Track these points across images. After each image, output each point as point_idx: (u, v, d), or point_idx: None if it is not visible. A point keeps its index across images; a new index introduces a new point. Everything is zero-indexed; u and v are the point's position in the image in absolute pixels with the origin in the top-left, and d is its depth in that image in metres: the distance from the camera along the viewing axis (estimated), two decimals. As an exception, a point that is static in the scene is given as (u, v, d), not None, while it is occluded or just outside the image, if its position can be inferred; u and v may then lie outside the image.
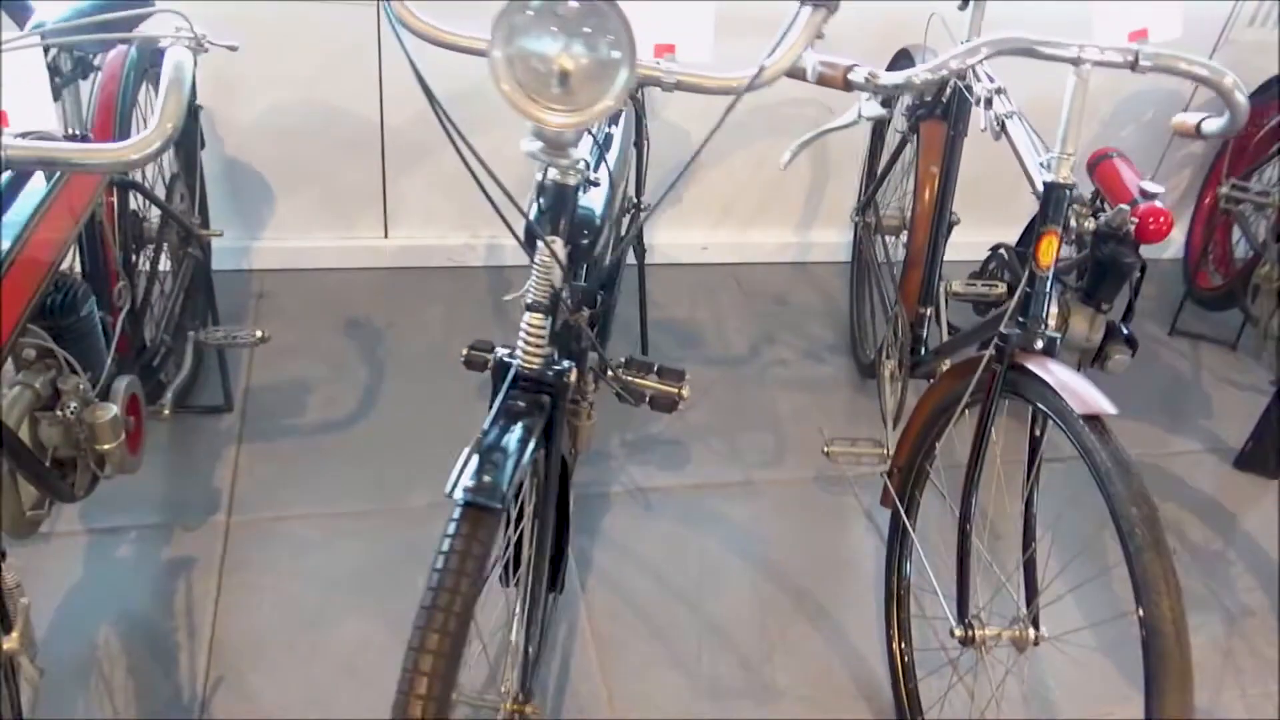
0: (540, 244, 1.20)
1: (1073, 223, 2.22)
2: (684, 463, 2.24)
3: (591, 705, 1.71)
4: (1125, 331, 2.12)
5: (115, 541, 1.86)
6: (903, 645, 1.79)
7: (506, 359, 1.23)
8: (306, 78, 2.38)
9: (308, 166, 2.51)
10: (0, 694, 1.06)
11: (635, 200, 2.20)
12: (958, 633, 1.49)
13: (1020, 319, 1.44)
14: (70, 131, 1.53)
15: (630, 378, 1.69)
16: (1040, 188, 1.42)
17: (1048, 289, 1.43)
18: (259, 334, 1.96)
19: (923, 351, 2.05)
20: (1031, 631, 1.46)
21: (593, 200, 1.41)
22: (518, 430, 1.18)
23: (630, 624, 1.86)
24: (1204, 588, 2.09)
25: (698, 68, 1.19)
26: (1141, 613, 1.15)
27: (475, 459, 1.09)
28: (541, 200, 1.24)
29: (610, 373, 1.69)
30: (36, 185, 1.32)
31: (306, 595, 1.82)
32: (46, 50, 1.43)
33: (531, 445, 1.17)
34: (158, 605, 1.76)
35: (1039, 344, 1.43)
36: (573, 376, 1.26)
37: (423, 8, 1.21)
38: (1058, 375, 1.35)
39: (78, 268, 1.60)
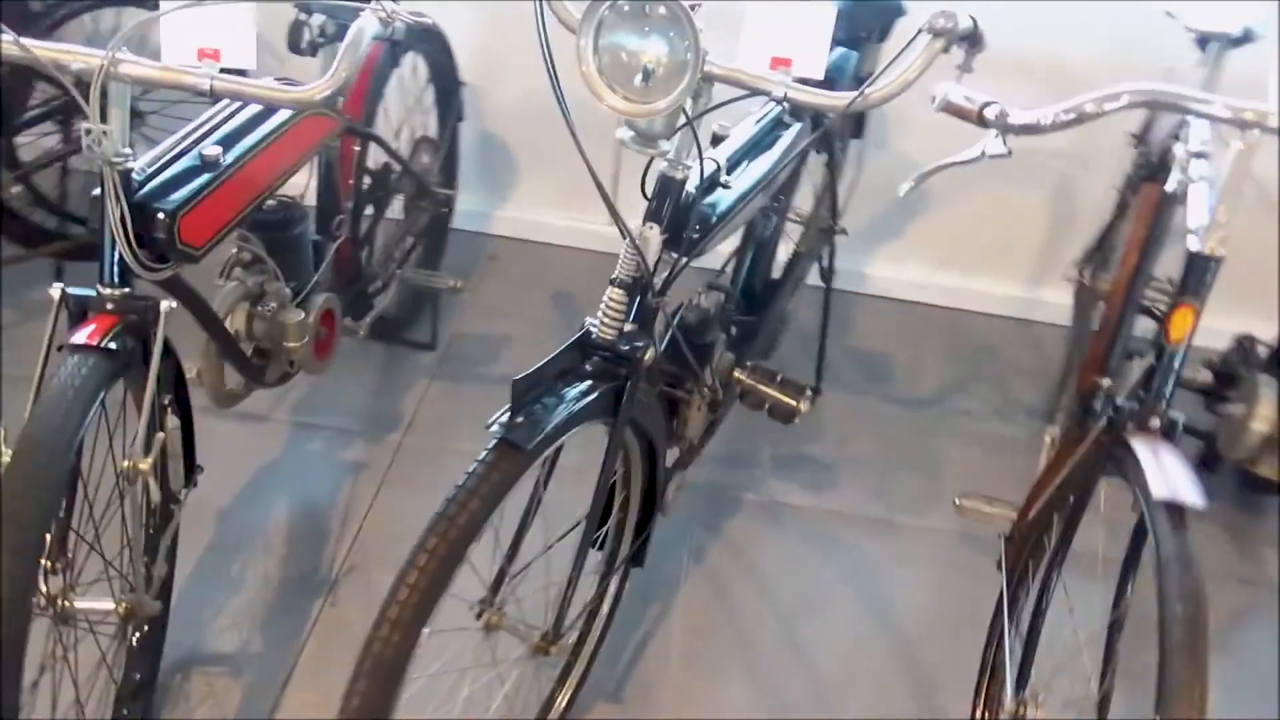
0: (635, 227, 1.31)
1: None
2: (828, 487, 2.24)
3: (656, 683, 1.78)
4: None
5: (309, 435, 2.18)
6: (985, 715, 1.70)
7: (590, 326, 1.35)
8: (563, 69, 2.61)
9: (552, 150, 2.73)
10: (123, 509, 1.32)
11: (830, 222, 2.22)
12: (1008, 707, 1.41)
13: (1141, 394, 1.34)
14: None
15: (752, 382, 1.75)
16: (1186, 257, 1.32)
17: (1176, 366, 1.32)
18: (453, 283, 2.22)
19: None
20: (1093, 724, 1.36)
21: (718, 200, 1.48)
22: (579, 389, 1.29)
23: (720, 622, 1.91)
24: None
25: (810, 83, 1.24)
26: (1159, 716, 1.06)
27: (520, 402, 1.21)
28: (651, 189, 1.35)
29: (738, 370, 1.75)
30: (275, 119, 1.61)
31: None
32: (310, 14, 1.74)
33: (584, 405, 1.27)
34: (323, 495, 2.05)
35: (1154, 423, 1.32)
36: (647, 355, 1.35)
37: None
38: (1154, 455, 1.25)
39: (312, 196, 1.91)
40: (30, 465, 1.15)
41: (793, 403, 1.73)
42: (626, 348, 1.33)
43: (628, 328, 1.35)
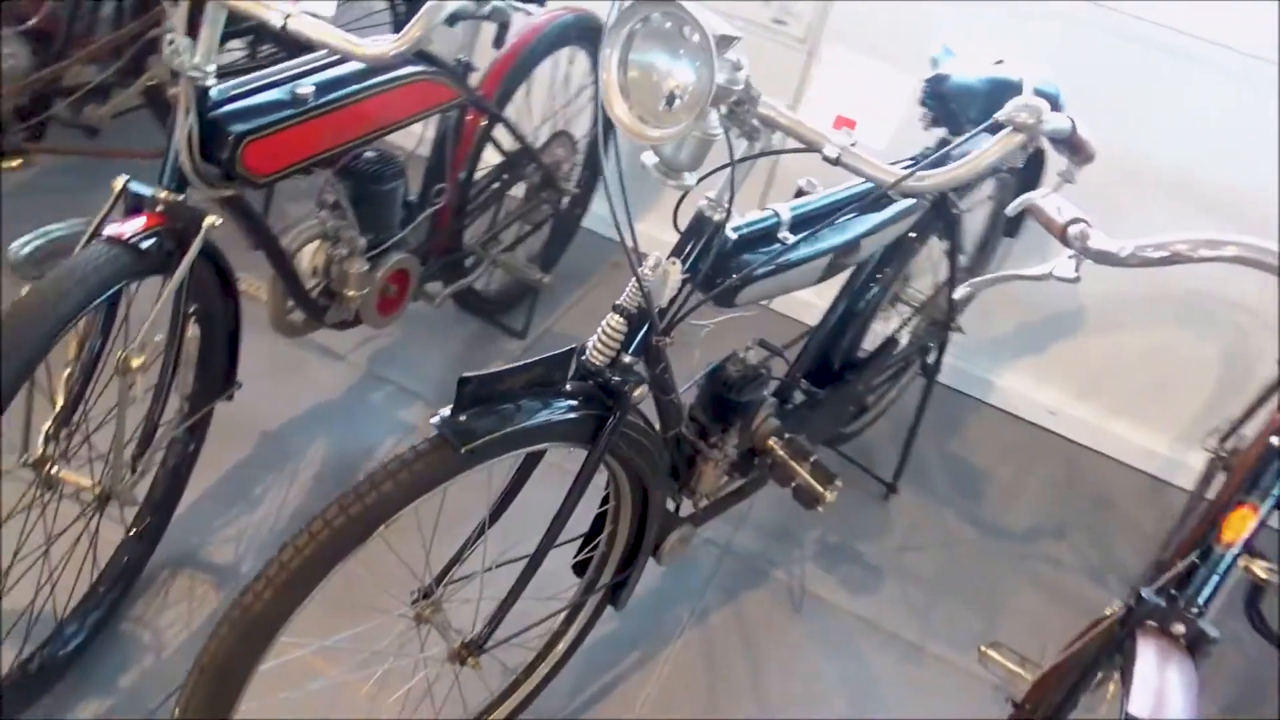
0: (650, 257, 1.25)
1: None
2: (867, 591, 2.07)
3: (605, 729, 1.70)
4: None
5: (375, 386, 2.22)
6: None
7: (586, 344, 1.29)
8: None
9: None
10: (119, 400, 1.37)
11: (946, 317, 2.06)
12: None
13: (1173, 592, 1.15)
14: (456, 58, 1.86)
15: (784, 455, 1.64)
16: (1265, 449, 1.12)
17: (1222, 571, 1.12)
18: (539, 277, 2.20)
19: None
20: None
21: (770, 251, 1.38)
22: (556, 405, 1.24)
23: (697, 692, 1.80)
24: None
25: (868, 151, 1.14)
26: None
27: (469, 401, 1.16)
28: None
29: (773, 439, 1.64)
30: (383, 73, 1.64)
31: (473, 498, 2.02)
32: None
33: (556, 424, 1.22)
34: (365, 444, 2.08)
35: (1178, 628, 1.13)
36: (637, 391, 1.28)
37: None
38: (1157, 666, 1.07)
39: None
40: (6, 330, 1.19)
41: (819, 489, 1.60)
42: (617, 379, 1.27)
43: (626, 358, 1.28)
